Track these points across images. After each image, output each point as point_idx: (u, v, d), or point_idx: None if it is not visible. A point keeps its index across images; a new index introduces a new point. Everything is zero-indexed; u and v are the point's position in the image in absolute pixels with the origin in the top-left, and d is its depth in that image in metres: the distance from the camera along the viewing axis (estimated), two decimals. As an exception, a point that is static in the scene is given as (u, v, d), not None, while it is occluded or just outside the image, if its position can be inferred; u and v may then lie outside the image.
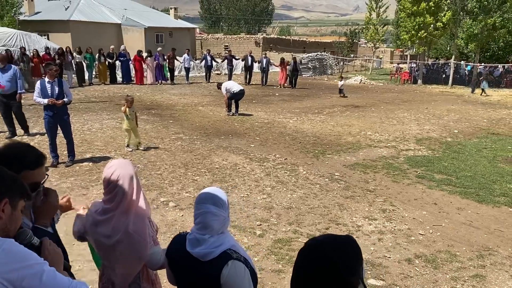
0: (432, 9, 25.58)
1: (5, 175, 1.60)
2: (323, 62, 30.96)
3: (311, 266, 1.38)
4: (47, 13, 30.56)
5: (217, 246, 1.89)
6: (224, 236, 1.95)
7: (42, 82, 7.29)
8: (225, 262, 1.87)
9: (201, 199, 1.97)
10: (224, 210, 1.95)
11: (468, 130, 11.88)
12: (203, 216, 1.92)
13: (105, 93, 16.96)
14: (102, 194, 5.12)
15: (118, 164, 2.27)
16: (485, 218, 5.83)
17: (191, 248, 1.93)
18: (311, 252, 1.42)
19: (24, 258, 1.46)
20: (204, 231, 1.92)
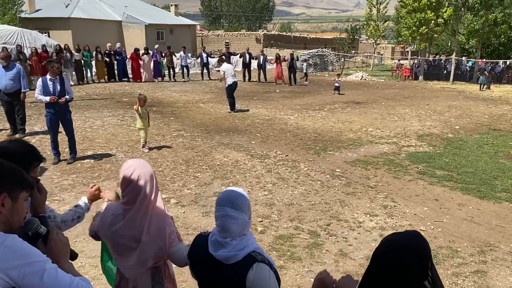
0: (433, 5, 25.48)
1: (2, 169, 1.58)
2: (324, 58, 30.90)
3: (397, 262, 1.41)
4: (47, 11, 30.51)
5: (240, 249, 1.86)
6: (246, 238, 1.90)
7: (44, 79, 7.31)
8: (250, 265, 1.83)
9: (220, 201, 1.93)
10: (244, 213, 1.89)
11: (469, 126, 11.86)
12: (221, 219, 1.88)
13: (106, 91, 16.96)
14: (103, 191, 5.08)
15: (137, 163, 2.25)
16: (486, 214, 5.83)
17: (213, 251, 1.90)
18: (395, 249, 1.44)
19: (26, 255, 1.46)
20: (224, 234, 1.88)
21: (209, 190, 6.45)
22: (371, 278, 1.48)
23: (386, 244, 1.48)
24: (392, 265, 1.42)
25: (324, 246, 4.79)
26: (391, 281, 1.41)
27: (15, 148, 1.99)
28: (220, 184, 6.71)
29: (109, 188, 5.98)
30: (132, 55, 20.05)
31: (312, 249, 4.71)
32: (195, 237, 2.11)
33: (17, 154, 1.91)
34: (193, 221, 5.37)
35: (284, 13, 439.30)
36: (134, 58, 19.94)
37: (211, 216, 5.50)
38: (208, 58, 21.89)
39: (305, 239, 4.95)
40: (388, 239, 1.49)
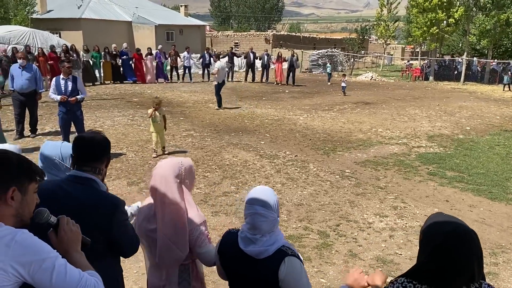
0: (444, 4, 25.29)
1: (10, 162, 1.58)
2: (334, 58, 30.82)
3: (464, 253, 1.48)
4: (59, 11, 30.84)
5: (270, 244, 1.90)
6: (275, 234, 1.95)
7: (57, 79, 7.50)
8: (281, 259, 1.88)
9: (250, 199, 1.96)
10: (274, 211, 1.94)
11: (480, 127, 11.75)
12: (251, 217, 1.92)
13: (116, 91, 17.08)
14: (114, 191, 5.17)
15: (161, 164, 2.30)
16: (498, 216, 5.78)
17: (244, 246, 1.94)
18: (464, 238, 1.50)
19: (37, 251, 1.47)
20: (254, 231, 1.92)
21: (218, 190, 6.46)
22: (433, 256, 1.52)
23: (451, 234, 1.51)
24: (464, 249, 1.48)
25: (334, 247, 4.78)
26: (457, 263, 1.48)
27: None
28: (230, 183, 6.73)
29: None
30: (134, 55, 19.86)
31: (322, 250, 4.70)
32: (223, 234, 2.14)
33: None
34: (203, 220, 5.38)
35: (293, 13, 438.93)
36: (137, 59, 19.76)
37: (220, 216, 5.52)
38: (210, 59, 21.58)
39: (314, 239, 4.95)
40: (451, 229, 1.52)
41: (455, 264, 1.47)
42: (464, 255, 1.46)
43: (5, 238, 1.44)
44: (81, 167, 2.10)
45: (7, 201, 1.53)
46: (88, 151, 2.13)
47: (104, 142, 2.19)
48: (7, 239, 1.44)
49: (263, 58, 21.74)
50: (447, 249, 1.47)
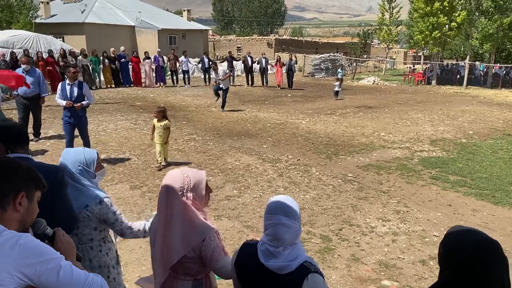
0: (446, 9, 25.30)
1: (20, 168, 1.61)
2: (336, 63, 30.84)
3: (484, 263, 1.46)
4: (62, 16, 30.98)
5: (293, 259, 1.82)
6: (297, 247, 1.87)
7: (63, 84, 7.50)
8: (304, 275, 1.79)
9: (271, 208, 1.87)
10: (296, 221, 1.85)
11: (483, 131, 11.73)
12: (274, 228, 1.82)
13: (119, 95, 17.13)
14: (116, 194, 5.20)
15: (169, 176, 2.23)
16: (501, 220, 5.76)
17: (265, 260, 1.85)
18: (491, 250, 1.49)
19: (41, 253, 1.48)
20: (276, 243, 1.83)
21: (220, 194, 6.46)
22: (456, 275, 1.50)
23: (480, 245, 1.49)
24: (495, 263, 1.46)
25: (336, 251, 4.77)
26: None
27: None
28: (232, 187, 6.73)
29: None
30: (131, 59, 19.81)
31: (324, 254, 4.69)
32: (241, 245, 2.06)
33: None
34: (205, 224, 5.38)
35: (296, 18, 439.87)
36: (134, 62, 19.72)
37: (223, 220, 5.52)
38: (209, 63, 21.36)
39: (317, 243, 4.94)
40: (479, 242, 1.50)
41: (486, 278, 1.43)
42: (493, 268, 1.43)
43: (10, 242, 1.45)
44: (17, 151, 2.40)
45: (16, 206, 1.56)
46: (21, 138, 2.47)
47: (22, 128, 2.57)
48: (11, 242, 1.45)
49: (261, 62, 21.75)
50: (477, 262, 1.43)
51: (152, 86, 20.00)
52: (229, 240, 4.89)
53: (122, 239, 3.08)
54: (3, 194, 1.54)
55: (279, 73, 21.27)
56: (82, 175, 2.56)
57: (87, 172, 2.59)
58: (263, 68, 21.65)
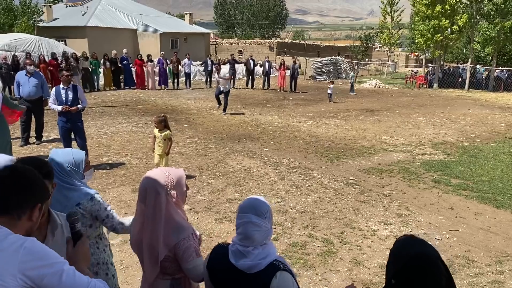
0: (448, 12, 25.31)
1: (40, 180, 1.66)
2: (338, 66, 30.86)
3: (432, 276, 1.47)
4: (65, 19, 31.08)
5: (263, 258, 1.82)
6: (268, 247, 1.87)
7: (57, 88, 7.39)
8: (273, 273, 1.79)
9: (242, 208, 1.89)
10: (267, 221, 1.86)
11: (485, 135, 11.71)
12: (244, 226, 1.84)
13: (121, 98, 17.16)
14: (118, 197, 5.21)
15: (150, 174, 2.26)
16: (503, 224, 5.74)
17: (235, 260, 1.86)
18: (427, 263, 1.49)
19: (45, 256, 1.50)
20: (246, 242, 1.84)
21: (222, 197, 6.46)
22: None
23: (418, 257, 1.50)
24: (426, 277, 1.46)
25: (338, 254, 4.76)
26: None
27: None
28: (233, 190, 6.73)
29: None
30: (136, 61, 19.91)
31: (326, 257, 4.68)
32: (213, 247, 2.07)
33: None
34: (206, 227, 5.39)
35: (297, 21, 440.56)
36: (138, 65, 19.80)
37: (224, 223, 5.52)
38: (213, 66, 21.48)
39: (318, 247, 4.93)
40: (412, 255, 1.51)
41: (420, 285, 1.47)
42: (424, 282, 1.46)
43: (14, 245, 1.46)
44: None
45: (32, 217, 1.60)
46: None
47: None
48: (16, 245, 1.46)
49: (264, 65, 21.82)
50: (410, 274, 1.47)
51: (155, 89, 20.08)
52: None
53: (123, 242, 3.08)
54: (22, 205, 1.57)
55: (282, 77, 21.33)
56: (71, 175, 2.57)
57: (76, 173, 2.60)
58: (266, 71, 21.72)
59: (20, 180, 1.59)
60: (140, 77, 20.02)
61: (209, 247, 4.23)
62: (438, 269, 1.46)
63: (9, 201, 1.55)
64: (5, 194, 1.55)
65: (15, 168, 1.66)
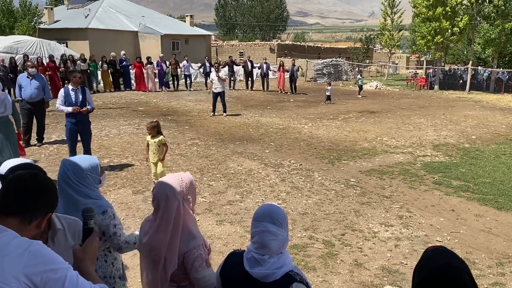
0: (448, 14, 25.31)
1: (55, 190, 1.69)
2: (338, 68, 30.87)
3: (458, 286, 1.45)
4: (66, 22, 31.14)
5: (278, 267, 1.78)
6: (284, 256, 1.84)
7: (66, 89, 7.30)
8: (289, 284, 1.76)
9: (258, 216, 1.85)
10: (284, 229, 1.83)
11: (486, 136, 11.70)
12: (260, 235, 1.80)
13: (122, 100, 17.18)
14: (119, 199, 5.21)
15: (163, 181, 2.21)
16: (504, 225, 5.73)
17: (250, 268, 1.82)
18: (454, 274, 1.46)
19: (49, 261, 1.49)
20: (262, 251, 1.80)
21: (223, 199, 6.47)
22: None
23: (436, 271, 1.47)
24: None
25: (339, 256, 4.76)
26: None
27: None
28: (234, 192, 6.73)
29: None
30: (135, 64, 19.90)
31: (327, 259, 4.68)
32: (227, 254, 2.04)
33: None
34: (207, 229, 5.39)
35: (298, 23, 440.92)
36: (137, 67, 19.80)
37: (225, 225, 5.52)
38: (211, 68, 21.33)
39: (319, 248, 4.93)
40: (433, 267, 1.48)
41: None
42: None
43: (20, 248, 1.47)
44: None
45: (40, 225, 1.61)
46: None
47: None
48: (21, 249, 1.47)
49: (262, 67, 21.86)
50: (433, 285, 1.44)
51: (155, 91, 20.09)
52: (231, 245, 4.88)
53: None
54: (35, 209, 1.59)
55: (281, 78, 21.36)
56: (88, 182, 2.49)
57: (94, 178, 2.53)
58: (264, 73, 21.76)
59: (39, 186, 1.62)
60: (139, 79, 19.99)
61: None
62: (462, 282, 1.42)
63: (24, 204, 1.57)
64: (22, 196, 1.57)
65: (37, 174, 1.68)
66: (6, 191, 1.59)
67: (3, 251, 1.45)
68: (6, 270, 1.42)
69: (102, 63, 19.29)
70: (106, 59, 19.45)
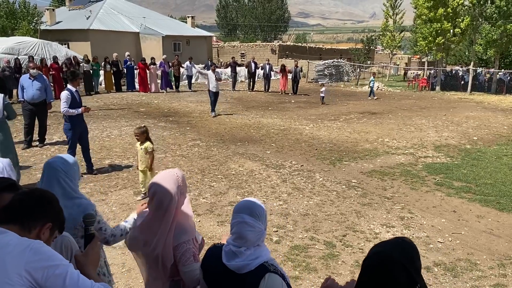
0: (450, 15, 25.29)
1: (57, 203, 1.76)
2: (340, 69, 30.86)
3: (384, 275, 1.47)
4: (67, 23, 31.21)
5: (253, 259, 1.84)
6: (260, 249, 1.89)
7: (71, 92, 7.16)
8: (262, 275, 1.81)
9: (238, 208, 1.93)
10: (261, 222, 1.89)
11: (487, 137, 11.68)
12: (238, 226, 1.87)
13: (123, 101, 17.20)
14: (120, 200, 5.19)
15: (161, 177, 2.23)
16: (506, 226, 5.72)
17: (227, 260, 1.88)
18: (382, 262, 1.50)
19: (50, 258, 1.53)
20: (239, 241, 1.87)
21: (224, 200, 6.46)
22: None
23: (373, 256, 1.53)
24: (380, 278, 1.47)
25: (340, 257, 4.75)
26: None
27: None
28: (235, 193, 6.73)
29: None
30: (139, 65, 19.94)
31: (328, 260, 4.67)
32: (209, 247, 2.09)
33: None
34: (208, 230, 5.39)
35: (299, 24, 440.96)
36: (141, 68, 19.85)
37: (226, 225, 5.52)
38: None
39: (320, 249, 4.92)
40: (375, 252, 1.53)
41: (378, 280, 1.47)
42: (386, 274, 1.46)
43: (21, 245, 1.51)
44: None
45: (40, 234, 1.66)
46: None
47: None
48: (23, 246, 1.51)
49: (265, 68, 21.89)
50: (369, 268, 1.50)
51: (158, 92, 20.14)
52: (233, 246, 4.87)
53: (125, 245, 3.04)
54: (35, 218, 1.66)
55: (284, 79, 21.40)
56: (75, 179, 2.52)
57: (77, 175, 2.56)
58: (267, 74, 21.80)
59: (37, 196, 1.71)
60: (143, 80, 20.03)
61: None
62: (388, 273, 1.45)
63: (23, 212, 1.65)
64: (21, 205, 1.67)
65: (36, 188, 1.83)
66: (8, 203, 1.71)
67: (5, 249, 1.49)
68: (8, 267, 1.45)
69: (105, 64, 19.33)
70: (109, 60, 19.50)
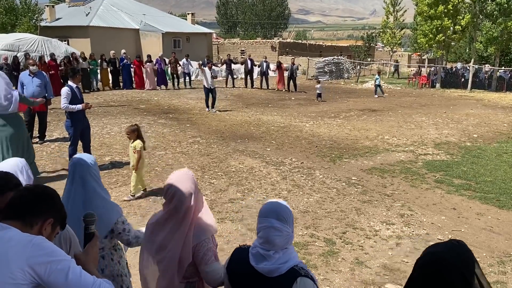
0: (450, 12, 25.23)
1: (58, 199, 1.78)
2: (340, 66, 30.81)
3: (435, 276, 1.44)
4: (67, 19, 31.13)
5: (283, 262, 1.81)
6: (289, 252, 1.85)
7: (72, 88, 7.17)
8: (293, 279, 1.78)
9: (264, 212, 1.88)
10: (289, 226, 1.85)
11: (488, 135, 11.68)
12: (265, 231, 1.82)
13: (123, 97, 17.19)
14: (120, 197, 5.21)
15: (178, 178, 2.20)
16: (506, 224, 5.73)
17: (256, 263, 1.84)
18: (434, 262, 1.46)
19: (53, 253, 1.54)
20: (267, 246, 1.82)
21: (224, 197, 6.47)
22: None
23: (427, 257, 1.48)
24: (433, 280, 1.43)
25: (340, 254, 4.76)
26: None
27: None
28: (236, 190, 6.74)
29: None
30: (134, 62, 19.90)
31: (328, 257, 4.68)
32: (234, 250, 2.06)
33: None
34: (209, 227, 5.39)
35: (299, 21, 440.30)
36: (137, 65, 19.78)
37: (226, 222, 5.52)
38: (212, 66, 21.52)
39: (320, 246, 4.93)
40: (430, 252, 1.49)
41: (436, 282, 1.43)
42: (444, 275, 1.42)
43: (23, 241, 1.52)
44: None
45: (42, 229, 1.68)
46: None
47: None
48: (25, 241, 1.52)
49: (262, 65, 21.85)
50: (416, 271, 1.47)
51: (154, 89, 20.09)
52: (233, 243, 4.88)
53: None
54: (36, 213, 1.67)
55: (281, 77, 21.36)
56: (99, 177, 2.61)
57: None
58: (264, 71, 21.76)
59: (38, 192, 1.73)
60: (139, 77, 19.99)
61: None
62: (446, 278, 1.41)
63: (24, 208, 1.67)
64: (22, 201, 1.68)
65: (38, 185, 1.85)
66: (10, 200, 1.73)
67: (7, 244, 1.50)
68: (11, 263, 1.47)
69: (102, 61, 19.27)
70: (105, 58, 19.46)
